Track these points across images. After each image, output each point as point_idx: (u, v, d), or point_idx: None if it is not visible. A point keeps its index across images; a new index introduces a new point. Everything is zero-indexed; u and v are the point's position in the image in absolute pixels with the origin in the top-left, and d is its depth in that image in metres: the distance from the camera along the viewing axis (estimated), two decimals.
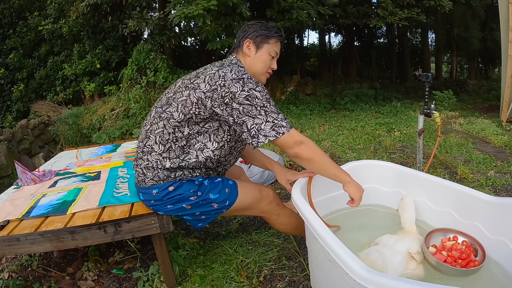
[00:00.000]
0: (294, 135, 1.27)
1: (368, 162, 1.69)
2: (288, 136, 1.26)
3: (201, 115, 1.30)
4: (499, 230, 1.23)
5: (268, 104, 1.26)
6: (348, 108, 6.64)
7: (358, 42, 13.77)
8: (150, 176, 1.36)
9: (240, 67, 1.35)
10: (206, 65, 1.39)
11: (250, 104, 1.24)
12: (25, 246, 1.32)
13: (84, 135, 5.56)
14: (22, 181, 1.95)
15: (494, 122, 4.57)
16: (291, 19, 5.33)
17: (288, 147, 1.28)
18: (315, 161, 1.31)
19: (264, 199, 1.52)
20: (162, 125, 1.34)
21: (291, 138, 1.26)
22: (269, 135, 1.24)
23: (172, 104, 1.32)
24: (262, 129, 1.24)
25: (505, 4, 4.50)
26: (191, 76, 1.35)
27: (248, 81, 1.26)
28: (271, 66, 1.46)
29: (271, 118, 1.25)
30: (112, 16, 6.55)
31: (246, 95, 1.23)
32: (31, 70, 8.04)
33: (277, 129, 1.24)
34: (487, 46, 12.79)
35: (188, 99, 1.29)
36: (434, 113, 1.97)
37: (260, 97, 1.25)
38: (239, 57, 1.43)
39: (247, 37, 1.41)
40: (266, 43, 1.41)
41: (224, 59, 1.43)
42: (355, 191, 1.34)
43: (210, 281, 1.53)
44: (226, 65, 1.32)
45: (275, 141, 1.26)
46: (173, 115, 1.31)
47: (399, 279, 0.82)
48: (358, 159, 3.12)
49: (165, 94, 1.41)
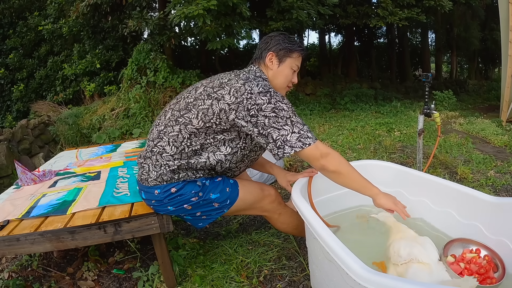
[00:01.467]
0: (320, 147, 1.25)
1: (368, 162, 1.69)
2: (314, 148, 1.23)
3: (221, 125, 1.28)
4: (499, 230, 1.23)
5: (294, 116, 1.25)
6: (348, 108, 6.64)
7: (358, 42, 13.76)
8: (154, 177, 1.36)
9: (265, 80, 1.34)
10: (229, 74, 1.37)
11: (276, 116, 1.22)
12: (25, 246, 1.32)
13: (84, 135, 5.56)
14: (22, 181, 1.95)
15: (494, 122, 4.57)
16: (291, 19, 5.33)
17: (314, 159, 1.25)
18: (342, 174, 1.27)
19: (266, 198, 1.52)
20: (178, 129, 1.32)
21: (317, 150, 1.24)
22: (296, 145, 1.22)
23: (192, 110, 1.30)
24: (288, 140, 1.22)
25: (505, 4, 4.50)
26: (214, 85, 1.32)
27: (275, 94, 1.26)
28: (292, 80, 1.45)
29: (297, 129, 1.23)
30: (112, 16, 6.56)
31: (273, 107, 1.22)
32: (31, 70, 8.05)
33: (304, 140, 1.22)
34: (487, 46, 12.79)
35: (210, 109, 1.27)
36: (434, 113, 1.97)
37: (287, 109, 1.24)
38: (261, 69, 1.42)
39: (270, 49, 1.40)
40: (288, 57, 1.40)
41: (249, 69, 1.41)
42: (386, 203, 1.27)
43: (210, 281, 1.53)
44: (251, 79, 1.29)
45: (301, 153, 1.23)
46: (192, 122, 1.30)
47: (399, 279, 0.82)
48: (358, 159, 3.12)
49: (184, 98, 1.37)
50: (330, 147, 1.30)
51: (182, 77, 6.12)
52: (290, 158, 3.26)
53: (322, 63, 12.41)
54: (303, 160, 3.21)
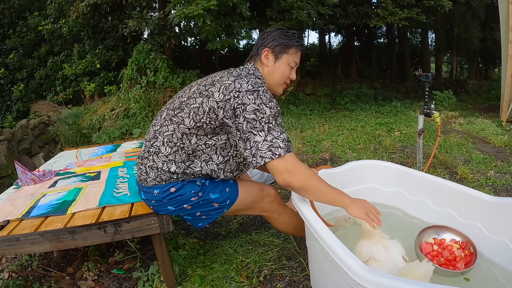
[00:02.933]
0: (288, 160, 1.18)
1: (368, 162, 1.69)
2: (281, 161, 1.17)
3: (211, 124, 1.26)
4: (499, 230, 1.23)
5: (274, 121, 1.20)
6: (348, 108, 6.64)
7: (358, 42, 13.76)
8: (153, 177, 1.35)
9: (257, 78, 1.30)
10: (222, 72, 1.35)
11: (255, 119, 1.18)
12: (25, 246, 1.32)
13: (84, 135, 5.56)
14: (22, 181, 1.95)
15: (494, 122, 4.57)
16: (291, 19, 5.33)
17: (277, 172, 1.18)
18: (309, 190, 1.22)
19: (265, 198, 1.51)
20: (172, 129, 1.31)
21: (283, 164, 1.17)
22: (265, 156, 1.17)
23: (185, 109, 1.29)
24: (259, 149, 1.17)
25: (505, 4, 4.50)
26: (206, 83, 1.31)
27: (263, 94, 1.21)
28: (290, 77, 1.40)
29: (270, 136, 1.18)
30: (112, 16, 6.55)
31: (255, 108, 1.18)
32: (31, 70, 8.05)
33: (274, 150, 1.17)
34: (487, 46, 12.80)
35: (201, 107, 1.25)
36: (434, 113, 1.97)
37: (268, 113, 1.19)
38: (257, 66, 1.38)
39: (265, 45, 1.36)
40: (285, 53, 1.35)
41: (242, 67, 1.39)
42: (358, 212, 1.23)
43: (210, 281, 1.53)
44: (243, 76, 1.27)
45: (268, 164, 1.18)
46: (184, 121, 1.28)
47: (399, 279, 0.82)
48: (358, 159, 3.12)
49: (179, 97, 1.36)
50: (299, 162, 1.22)
51: (182, 77, 6.12)
52: None
53: (322, 63, 12.41)
54: (304, 160, 3.20)
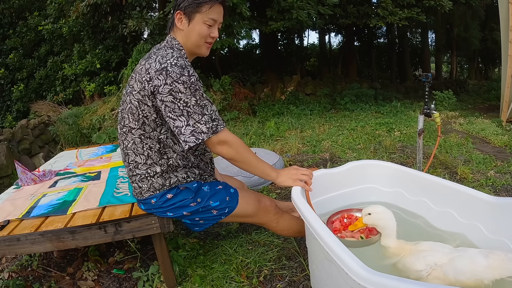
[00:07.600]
0: (219, 136, 1.24)
1: (368, 162, 1.69)
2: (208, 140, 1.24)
3: (151, 115, 1.24)
4: (499, 230, 1.22)
5: (193, 100, 1.17)
6: (348, 108, 6.64)
7: (358, 42, 13.74)
8: (146, 188, 1.34)
9: (169, 48, 1.25)
10: None
11: (173, 102, 1.16)
12: (25, 246, 1.32)
13: (84, 135, 5.56)
14: (22, 181, 1.95)
15: (494, 122, 4.57)
16: (291, 19, 5.33)
17: (211, 145, 1.27)
18: (237, 161, 1.32)
19: (261, 211, 1.51)
20: (130, 139, 1.31)
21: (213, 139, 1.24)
22: (189, 140, 1.19)
23: (125, 116, 1.29)
24: (182, 133, 1.19)
25: (505, 4, 4.50)
26: (129, 82, 1.30)
27: (172, 69, 1.15)
28: (211, 35, 1.30)
29: (192, 121, 1.18)
30: (112, 16, 6.56)
31: (169, 89, 1.15)
32: (31, 70, 8.05)
33: (196, 135, 1.19)
34: (487, 46, 12.80)
35: (132, 105, 1.25)
36: (434, 113, 1.97)
37: (184, 91, 1.15)
38: (174, 34, 1.30)
39: (177, 8, 1.26)
40: (197, 13, 1.24)
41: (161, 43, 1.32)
42: (286, 181, 1.36)
43: (210, 281, 1.53)
44: (153, 53, 1.23)
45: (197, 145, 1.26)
46: (131, 126, 1.28)
47: (399, 279, 0.82)
48: (358, 159, 3.12)
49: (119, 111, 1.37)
50: (231, 134, 1.30)
51: None
52: (290, 159, 3.26)
53: (322, 63, 12.40)
54: (304, 160, 3.21)
